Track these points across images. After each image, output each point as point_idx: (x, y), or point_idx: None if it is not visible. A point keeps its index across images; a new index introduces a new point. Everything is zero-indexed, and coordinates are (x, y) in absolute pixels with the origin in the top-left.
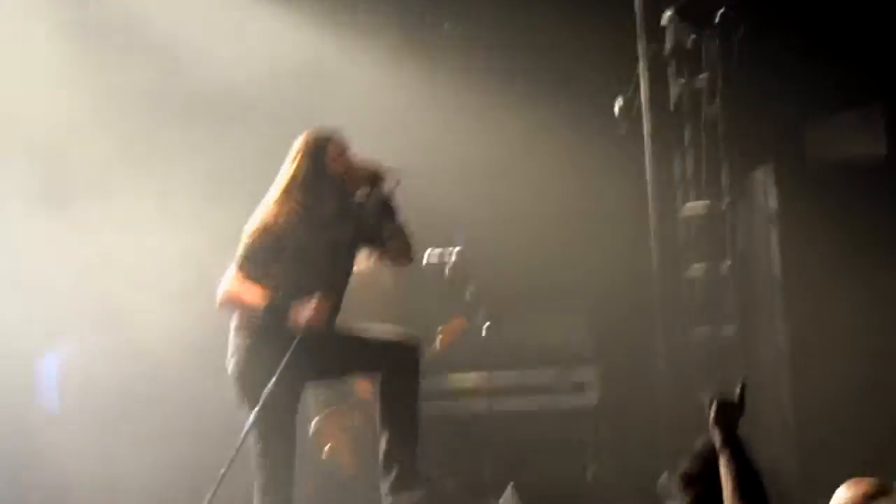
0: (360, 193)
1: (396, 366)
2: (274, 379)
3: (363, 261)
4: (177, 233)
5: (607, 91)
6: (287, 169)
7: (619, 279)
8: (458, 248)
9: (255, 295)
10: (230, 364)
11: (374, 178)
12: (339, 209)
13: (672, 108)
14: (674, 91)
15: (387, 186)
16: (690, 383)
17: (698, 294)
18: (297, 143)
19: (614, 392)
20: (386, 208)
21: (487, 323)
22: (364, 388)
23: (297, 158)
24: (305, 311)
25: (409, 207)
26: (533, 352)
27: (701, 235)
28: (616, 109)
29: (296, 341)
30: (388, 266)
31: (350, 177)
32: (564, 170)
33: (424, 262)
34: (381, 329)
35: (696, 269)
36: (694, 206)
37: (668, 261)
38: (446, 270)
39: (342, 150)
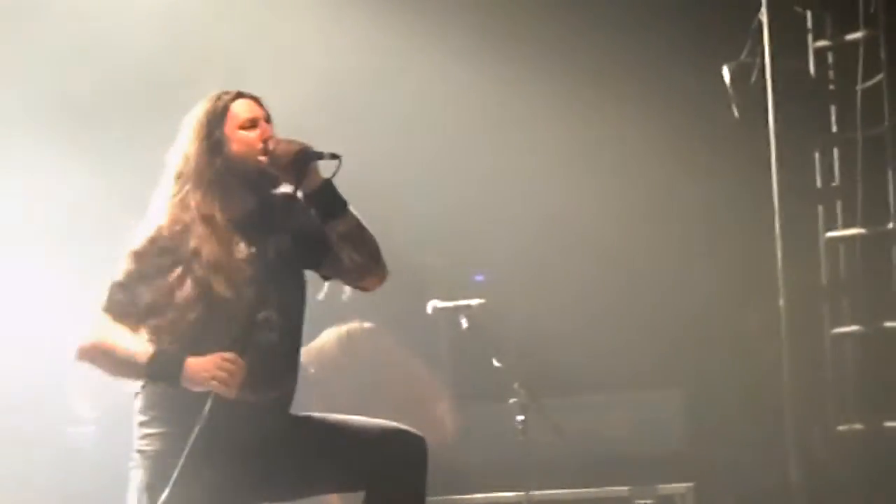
0: (286, 181)
1: (391, 478)
2: (167, 490)
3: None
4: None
5: (714, 55)
6: (175, 155)
7: (729, 344)
8: (478, 301)
9: (128, 342)
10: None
11: (299, 157)
12: (261, 208)
13: (810, 78)
14: (814, 52)
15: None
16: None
17: (850, 369)
18: (189, 117)
19: None
20: (327, 199)
21: (522, 416)
22: None
23: (188, 136)
24: (206, 367)
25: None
26: (594, 455)
27: (854, 277)
28: (726, 79)
29: (203, 417)
30: (355, 288)
31: (272, 158)
32: (646, 175)
33: (429, 309)
34: (360, 419)
35: (847, 330)
36: (843, 234)
37: (803, 317)
38: (463, 320)
39: (253, 119)
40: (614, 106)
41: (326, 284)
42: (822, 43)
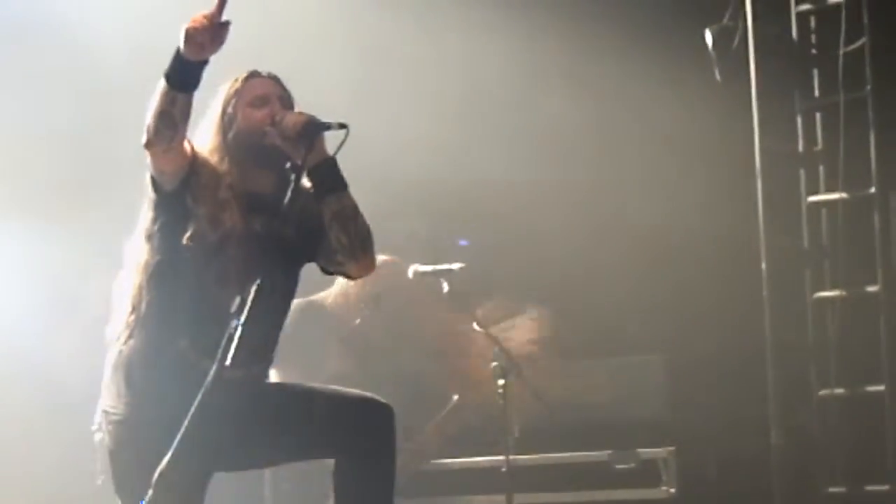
0: (293, 154)
1: (359, 446)
2: (168, 458)
3: None
4: None
5: (696, 18)
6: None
7: (711, 308)
8: (459, 266)
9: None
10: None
11: (307, 128)
12: (277, 192)
13: (792, 42)
14: (796, 16)
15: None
16: (819, 467)
17: (832, 334)
18: None
19: (701, 480)
20: (329, 175)
21: (502, 380)
22: None
23: (212, 107)
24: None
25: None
26: (575, 420)
27: (836, 241)
28: (708, 42)
29: (204, 388)
30: (338, 273)
31: (279, 129)
32: (627, 140)
33: (410, 273)
34: (331, 388)
35: (829, 294)
36: (826, 198)
37: (785, 281)
38: (444, 284)
39: (263, 97)
40: (596, 69)
41: None
42: (804, 7)
